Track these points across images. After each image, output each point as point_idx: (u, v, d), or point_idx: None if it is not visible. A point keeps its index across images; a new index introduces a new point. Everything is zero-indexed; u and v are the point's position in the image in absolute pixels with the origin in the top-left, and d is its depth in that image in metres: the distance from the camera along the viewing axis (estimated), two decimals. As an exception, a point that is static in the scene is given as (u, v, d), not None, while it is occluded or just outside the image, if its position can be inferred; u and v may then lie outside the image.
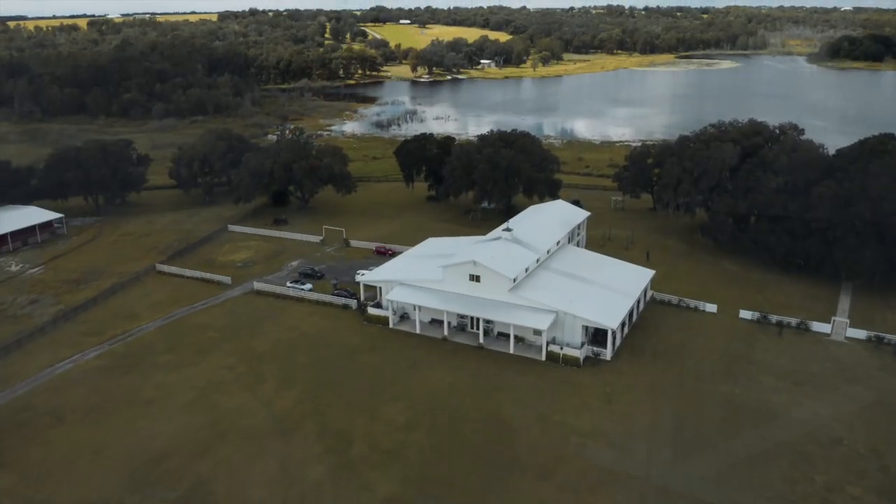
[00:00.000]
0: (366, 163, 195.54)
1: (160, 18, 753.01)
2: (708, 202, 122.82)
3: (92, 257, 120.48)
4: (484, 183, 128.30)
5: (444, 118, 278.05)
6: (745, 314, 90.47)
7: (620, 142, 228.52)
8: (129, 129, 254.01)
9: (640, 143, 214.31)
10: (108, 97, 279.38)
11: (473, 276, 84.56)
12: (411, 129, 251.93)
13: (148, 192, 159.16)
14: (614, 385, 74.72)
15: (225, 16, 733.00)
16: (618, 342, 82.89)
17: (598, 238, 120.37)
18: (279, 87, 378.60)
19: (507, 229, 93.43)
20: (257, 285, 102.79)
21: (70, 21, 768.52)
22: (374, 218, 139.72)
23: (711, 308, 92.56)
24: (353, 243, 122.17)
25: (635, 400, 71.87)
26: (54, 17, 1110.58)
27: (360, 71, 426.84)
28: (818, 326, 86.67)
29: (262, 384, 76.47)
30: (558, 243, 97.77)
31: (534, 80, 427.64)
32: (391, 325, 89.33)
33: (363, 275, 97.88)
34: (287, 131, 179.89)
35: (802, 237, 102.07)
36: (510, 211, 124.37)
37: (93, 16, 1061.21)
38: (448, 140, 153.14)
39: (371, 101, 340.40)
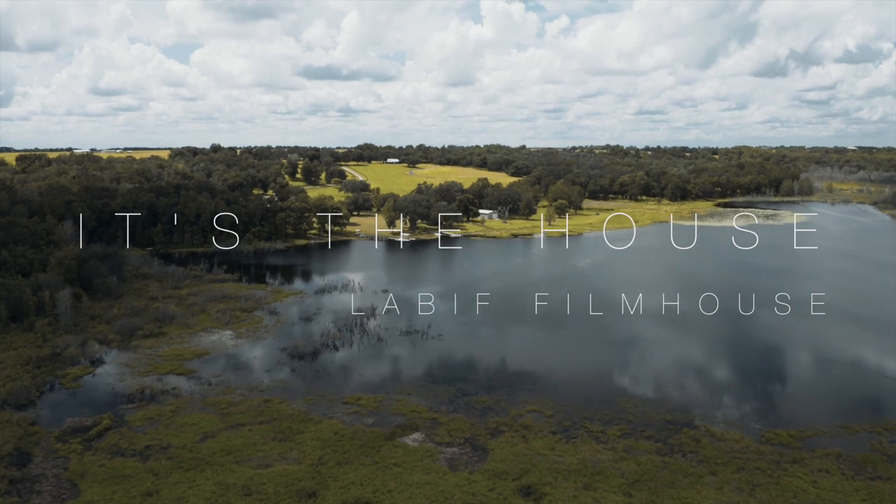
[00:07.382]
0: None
1: (103, 154, 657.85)
2: None
3: None
4: None
5: (420, 332, 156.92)
6: None
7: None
8: None
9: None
10: None
11: None
12: (350, 376, 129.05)
13: None
14: None
15: (179, 152, 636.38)
16: None
17: None
18: (190, 252, 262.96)
19: None
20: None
21: (26, 153, 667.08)
22: None
23: None
24: None
25: None
26: (37, 150, 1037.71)
27: (316, 226, 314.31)
28: None
29: None
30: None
31: (550, 239, 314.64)
32: None
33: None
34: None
35: None
36: None
37: (68, 150, 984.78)
38: None
39: (319, 274, 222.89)
